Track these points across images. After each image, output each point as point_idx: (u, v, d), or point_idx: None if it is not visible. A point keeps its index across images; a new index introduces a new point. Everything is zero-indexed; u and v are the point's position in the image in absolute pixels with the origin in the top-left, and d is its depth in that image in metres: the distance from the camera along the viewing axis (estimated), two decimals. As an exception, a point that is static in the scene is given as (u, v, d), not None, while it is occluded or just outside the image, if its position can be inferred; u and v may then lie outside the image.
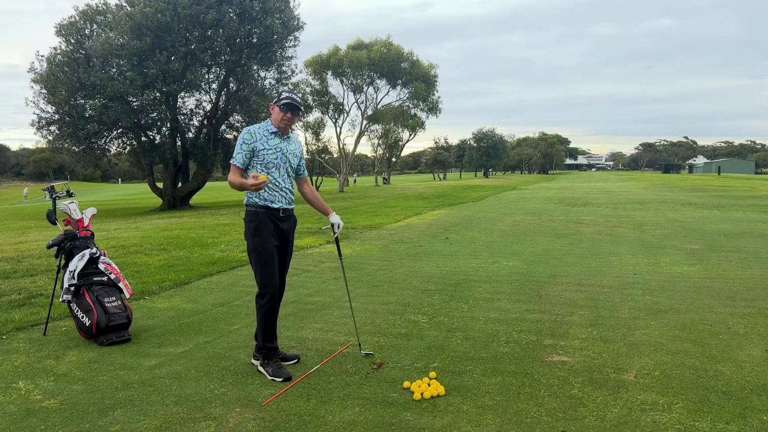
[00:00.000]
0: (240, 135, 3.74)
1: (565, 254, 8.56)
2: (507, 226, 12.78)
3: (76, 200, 5.84)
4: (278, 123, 3.75)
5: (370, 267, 7.67)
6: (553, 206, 18.91)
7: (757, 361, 3.84)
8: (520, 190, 32.32)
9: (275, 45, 23.88)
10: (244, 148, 3.68)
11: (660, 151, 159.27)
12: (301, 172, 3.98)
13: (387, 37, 39.30)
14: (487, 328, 4.72)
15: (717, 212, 15.72)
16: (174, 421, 3.10)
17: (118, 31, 21.01)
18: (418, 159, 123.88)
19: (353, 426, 3.01)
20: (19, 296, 6.07)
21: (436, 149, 75.46)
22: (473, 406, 3.23)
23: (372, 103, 41.19)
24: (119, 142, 25.16)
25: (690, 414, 3.08)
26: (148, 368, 3.91)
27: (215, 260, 8.21)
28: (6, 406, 3.32)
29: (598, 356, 4.00)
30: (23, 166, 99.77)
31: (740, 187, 32.33)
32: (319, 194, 4.15)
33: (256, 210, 3.70)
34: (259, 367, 3.79)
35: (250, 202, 3.72)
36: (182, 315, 5.33)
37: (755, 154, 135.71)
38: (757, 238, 10.09)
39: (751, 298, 5.62)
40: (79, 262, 4.70)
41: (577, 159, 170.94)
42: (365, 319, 5.04)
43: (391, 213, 16.49)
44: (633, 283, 6.37)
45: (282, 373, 3.66)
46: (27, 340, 4.61)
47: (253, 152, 3.69)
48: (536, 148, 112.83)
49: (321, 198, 4.06)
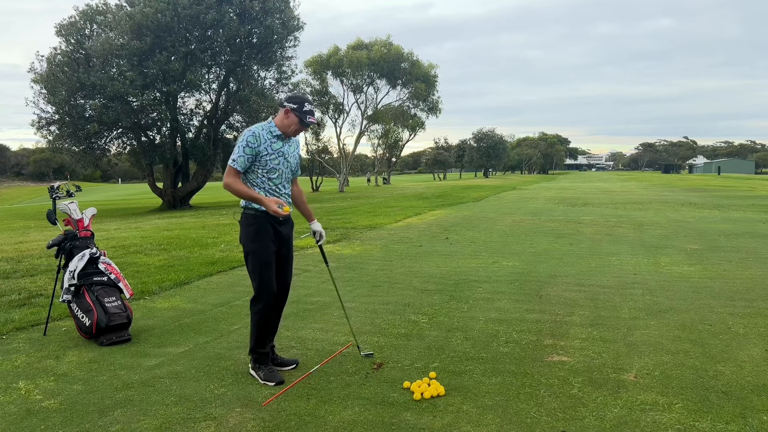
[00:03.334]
0: (242, 136, 3.53)
1: (565, 254, 8.56)
2: (507, 226, 12.78)
3: (76, 200, 5.85)
4: (287, 129, 3.58)
5: (370, 267, 7.67)
6: (553, 206, 18.91)
7: (757, 361, 3.85)
8: (520, 190, 32.32)
9: (275, 45, 23.87)
10: (246, 152, 3.48)
11: (660, 151, 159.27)
12: (297, 172, 3.85)
13: (387, 37, 39.36)
14: (487, 328, 4.72)
15: (717, 212, 15.72)
16: (174, 421, 3.10)
17: (118, 31, 21.00)
18: (418, 159, 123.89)
19: (353, 426, 3.01)
20: (19, 296, 6.07)
21: (436, 149, 75.43)
22: (473, 406, 3.23)
23: (372, 103, 41.23)
24: (119, 142, 25.15)
25: (690, 414, 3.08)
26: (148, 368, 3.91)
27: (215, 260, 8.21)
28: (6, 406, 3.32)
29: (598, 356, 4.00)
30: (23, 166, 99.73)
31: (740, 187, 32.33)
32: (319, 194, 4.13)
33: (255, 213, 3.55)
34: (251, 370, 3.73)
35: (249, 204, 3.57)
36: (182, 315, 5.33)
37: (755, 154, 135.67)
38: (757, 238, 10.09)
39: (751, 298, 5.62)
40: (79, 262, 4.70)
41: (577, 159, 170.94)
42: (365, 319, 5.05)
43: (391, 213, 16.49)
44: (633, 283, 6.37)
45: (274, 378, 3.59)
46: (27, 340, 4.61)
47: (256, 156, 3.51)
48: (536, 148, 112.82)
49: (306, 202, 3.97)
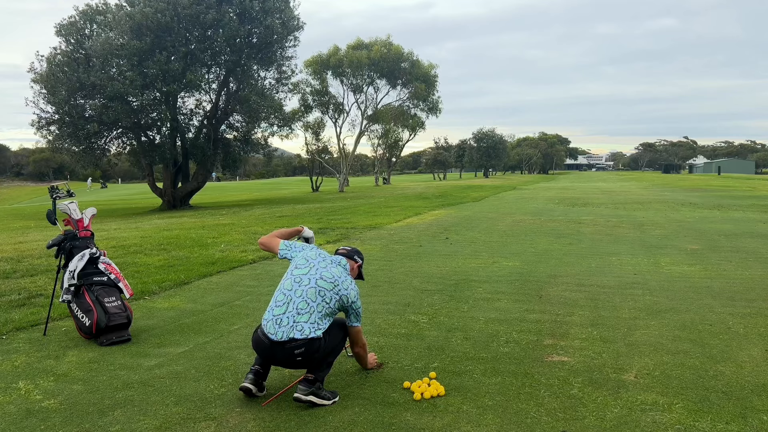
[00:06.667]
0: (356, 290, 3.54)
1: (565, 254, 8.56)
2: (507, 226, 12.78)
3: (76, 200, 5.85)
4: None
5: (370, 267, 7.66)
6: (553, 206, 18.91)
7: (757, 361, 3.84)
8: (520, 190, 32.31)
9: (275, 45, 23.88)
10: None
11: (660, 151, 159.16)
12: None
13: (387, 37, 39.36)
14: (487, 328, 4.71)
15: (717, 212, 15.72)
16: (174, 421, 3.10)
17: (118, 31, 20.99)
18: (418, 159, 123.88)
19: (353, 426, 3.01)
20: (19, 296, 6.07)
21: (436, 149, 75.37)
22: (473, 406, 3.23)
23: (372, 103, 41.23)
24: (119, 142, 25.16)
25: (690, 414, 3.08)
26: (148, 368, 3.91)
27: (215, 260, 8.21)
28: (6, 406, 3.32)
29: (598, 356, 4.00)
30: (23, 166, 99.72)
31: (740, 187, 32.32)
32: (319, 194, 4.14)
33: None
34: (319, 399, 3.26)
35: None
36: (182, 315, 5.33)
37: (755, 154, 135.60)
38: (757, 238, 10.09)
39: (751, 298, 5.62)
40: (79, 262, 4.70)
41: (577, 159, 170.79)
42: (365, 319, 5.03)
43: (391, 213, 16.49)
44: (633, 283, 6.37)
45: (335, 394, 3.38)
46: (27, 340, 4.61)
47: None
48: (536, 148, 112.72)
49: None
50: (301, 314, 3.27)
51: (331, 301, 3.36)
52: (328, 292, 3.37)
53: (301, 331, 3.22)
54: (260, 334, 3.33)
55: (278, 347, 3.23)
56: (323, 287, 3.37)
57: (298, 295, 3.34)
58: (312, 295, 3.34)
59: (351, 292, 3.45)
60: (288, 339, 3.21)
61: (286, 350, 3.22)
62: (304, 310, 3.29)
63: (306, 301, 3.32)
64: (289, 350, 3.21)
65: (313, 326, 3.26)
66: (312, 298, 3.33)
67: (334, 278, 3.43)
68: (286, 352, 3.22)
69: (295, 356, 3.23)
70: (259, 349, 3.36)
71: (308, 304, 3.31)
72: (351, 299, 3.44)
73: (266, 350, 3.29)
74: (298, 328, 3.23)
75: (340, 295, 3.40)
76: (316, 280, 3.39)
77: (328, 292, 3.37)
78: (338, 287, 3.40)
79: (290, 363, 3.32)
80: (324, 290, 3.37)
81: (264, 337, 3.29)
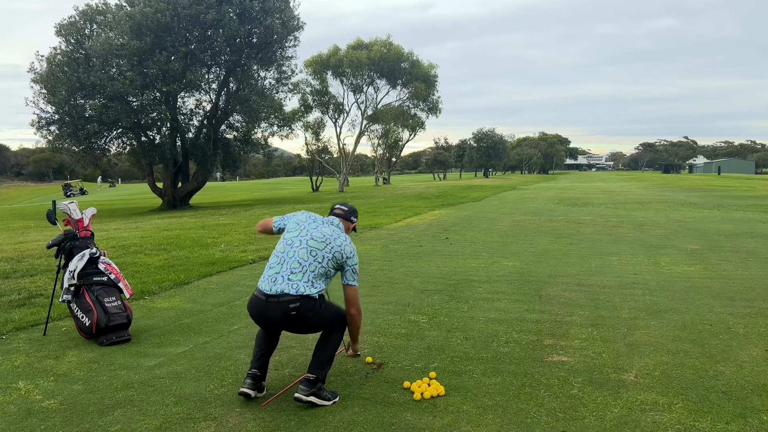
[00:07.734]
0: (355, 253, 3.51)
1: (565, 254, 8.56)
2: (507, 226, 12.78)
3: (76, 200, 5.85)
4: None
5: (370, 267, 7.66)
6: (553, 206, 18.91)
7: (757, 361, 3.85)
8: (520, 190, 32.31)
9: (275, 45, 23.87)
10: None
11: (660, 151, 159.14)
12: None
13: (387, 37, 39.33)
14: (487, 328, 4.71)
15: (717, 212, 15.72)
16: (174, 421, 3.10)
17: (118, 31, 20.98)
18: (418, 159, 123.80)
19: (353, 426, 3.01)
20: (19, 296, 6.07)
21: (436, 149, 75.36)
22: (473, 406, 3.23)
23: (372, 103, 41.19)
24: (119, 142, 25.13)
25: (690, 414, 3.08)
26: (148, 368, 3.91)
27: (215, 260, 8.21)
28: (6, 406, 3.32)
29: (598, 356, 4.00)
30: (23, 166, 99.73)
31: (740, 187, 32.32)
32: (319, 194, 4.13)
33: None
34: (320, 400, 3.27)
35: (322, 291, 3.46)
36: (182, 315, 5.33)
37: (755, 154, 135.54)
38: (757, 238, 10.09)
39: (751, 298, 5.62)
40: (79, 262, 4.70)
41: (577, 159, 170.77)
42: (365, 319, 5.02)
43: (391, 213, 16.48)
44: (633, 283, 6.37)
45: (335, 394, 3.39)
46: (27, 340, 4.61)
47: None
48: (536, 148, 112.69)
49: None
50: (294, 273, 3.31)
51: (324, 260, 3.37)
52: (320, 252, 3.38)
53: (296, 289, 3.26)
54: (256, 294, 3.38)
55: (273, 302, 3.26)
56: (314, 247, 3.39)
57: (291, 256, 3.37)
58: (304, 255, 3.36)
59: (346, 248, 3.45)
60: (281, 293, 3.25)
61: (281, 304, 3.24)
62: (297, 269, 3.32)
63: (298, 261, 3.35)
64: (284, 304, 3.24)
65: (307, 285, 3.29)
66: (304, 258, 3.35)
67: (326, 237, 3.44)
68: (281, 306, 3.24)
69: (290, 310, 3.24)
70: (254, 310, 3.38)
71: (300, 264, 3.34)
72: (346, 254, 3.44)
73: (262, 308, 3.31)
74: (293, 285, 3.27)
75: (333, 253, 3.40)
76: (307, 241, 3.41)
77: (320, 252, 3.38)
78: (331, 245, 3.41)
79: (286, 323, 3.33)
80: (315, 250, 3.38)
81: (260, 294, 3.33)
